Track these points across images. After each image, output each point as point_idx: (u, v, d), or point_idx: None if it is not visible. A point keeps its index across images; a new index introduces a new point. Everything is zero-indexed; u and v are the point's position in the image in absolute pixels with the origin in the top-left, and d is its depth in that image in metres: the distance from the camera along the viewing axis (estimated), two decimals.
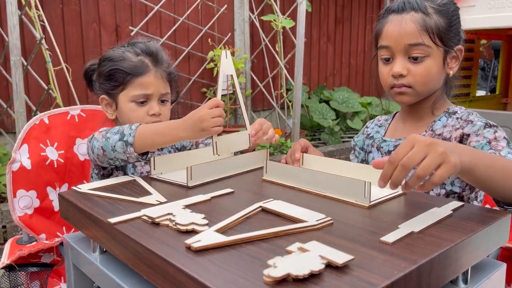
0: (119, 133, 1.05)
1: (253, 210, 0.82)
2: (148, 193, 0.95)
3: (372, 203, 0.85)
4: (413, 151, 0.69)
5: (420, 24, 1.01)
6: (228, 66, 1.11)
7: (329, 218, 0.77)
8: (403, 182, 0.72)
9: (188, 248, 0.67)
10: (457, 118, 1.07)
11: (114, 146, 1.04)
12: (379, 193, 0.90)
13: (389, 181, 0.71)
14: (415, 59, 1.03)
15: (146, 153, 1.07)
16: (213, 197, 0.91)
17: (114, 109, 1.23)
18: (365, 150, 1.22)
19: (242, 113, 1.16)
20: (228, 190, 0.95)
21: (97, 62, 1.25)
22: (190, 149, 1.38)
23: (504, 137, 0.98)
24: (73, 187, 0.99)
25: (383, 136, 1.20)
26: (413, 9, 1.03)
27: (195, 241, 0.67)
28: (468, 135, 1.02)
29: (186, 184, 1.00)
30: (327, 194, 0.91)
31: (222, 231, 0.73)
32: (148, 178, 1.07)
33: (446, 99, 1.12)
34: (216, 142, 1.05)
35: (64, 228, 1.35)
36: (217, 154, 1.06)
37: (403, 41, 1.03)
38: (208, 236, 0.70)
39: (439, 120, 1.09)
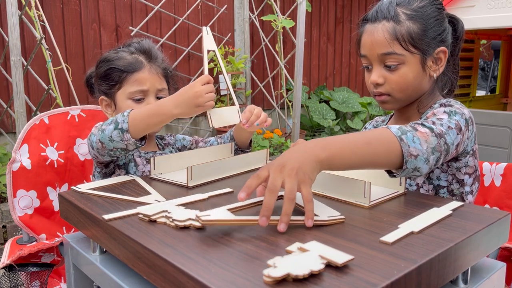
0: (113, 122, 1.06)
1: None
2: (148, 193, 0.95)
3: (372, 203, 0.85)
4: (271, 179, 0.72)
5: (389, 33, 1.02)
6: (210, 42, 1.13)
7: (342, 217, 0.77)
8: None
9: (197, 219, 0.71)
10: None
11: (111, 136, 1.05)
12: (379, 193, 0.90)
13: (270, 215, 0.71)
14: (390, 67, 1.04)
15: (144, 137, 1.09)
16: (210, 196, 0.91)
17: (113, 109, 1.25)
18: None
19: (230, 91, 1.19)
20: (227, 189, 0.95)
21: (95, 66, 1.27)
22: (190, 148, 1.38)
23: (445, 112, 0.95)
24: (73, 187, 0.99)
25: None
26: (384, 18, 1.03)
27: (204, 215, 0.71)
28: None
29: (186, 184, 1.00)
30: (327, 194, 0.91)
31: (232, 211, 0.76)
32: (148, 178, 1.07)
33: (435, 96, 1.10)
34: (210, 114, 1.08)
35: (64, 228, 1.35)
36: (212, 125, 1.09)
37: (375, 50, 1.04)
38: (218, 213, 0.72)
39: (425, 115, 1.06)
